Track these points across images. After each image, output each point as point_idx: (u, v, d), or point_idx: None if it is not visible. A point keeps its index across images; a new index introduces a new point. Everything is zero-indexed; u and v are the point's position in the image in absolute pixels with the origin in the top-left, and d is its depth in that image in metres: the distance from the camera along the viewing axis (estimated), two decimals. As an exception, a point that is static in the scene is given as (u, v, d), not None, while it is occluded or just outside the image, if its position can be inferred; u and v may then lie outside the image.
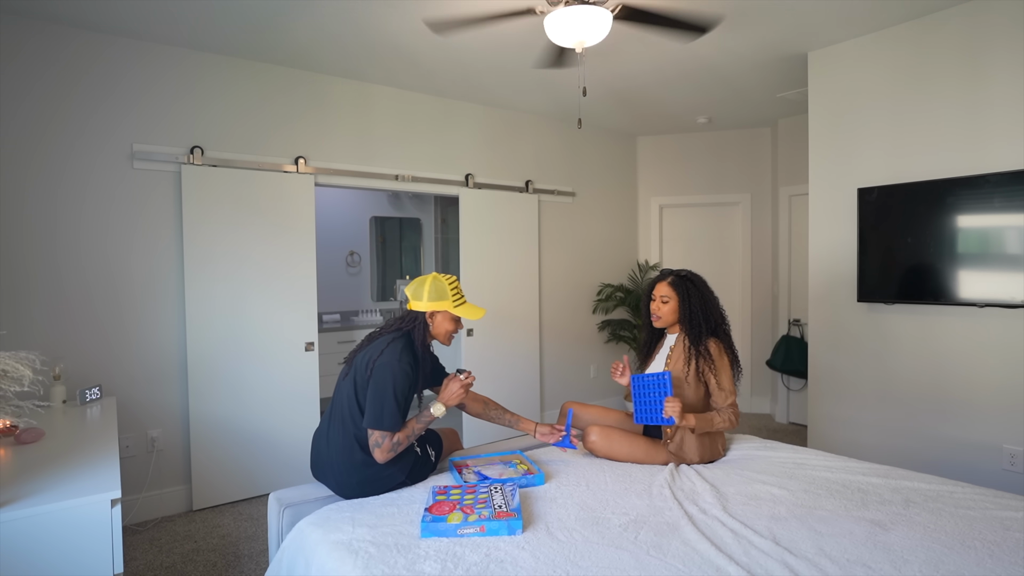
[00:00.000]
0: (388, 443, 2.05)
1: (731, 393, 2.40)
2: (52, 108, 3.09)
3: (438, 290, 2.22)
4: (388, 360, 2.09)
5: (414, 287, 2.25)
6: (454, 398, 2.20)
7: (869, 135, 3.45)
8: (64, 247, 3.13)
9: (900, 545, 1.68)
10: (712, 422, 2.37)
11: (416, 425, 2.13)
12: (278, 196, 3.71)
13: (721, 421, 2.38)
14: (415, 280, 2.28)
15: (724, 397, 2.40)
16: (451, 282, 2.26)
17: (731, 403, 2.40)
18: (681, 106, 4.81)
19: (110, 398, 2.88)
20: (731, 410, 2.39)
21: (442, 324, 2.26)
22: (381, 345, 2.15)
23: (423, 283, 2.24)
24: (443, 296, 2.22)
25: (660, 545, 1.70)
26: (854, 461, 2.39)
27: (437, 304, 2.22)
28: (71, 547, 1.57)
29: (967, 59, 3.06)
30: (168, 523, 3.29)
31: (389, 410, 2.05)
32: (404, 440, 2.09)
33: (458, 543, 1.72)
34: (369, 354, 2.15)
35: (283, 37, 3.33)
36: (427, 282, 2.24)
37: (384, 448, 2.05)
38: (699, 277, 2.54)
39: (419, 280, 2.27)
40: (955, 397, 3.14)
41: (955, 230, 3.05)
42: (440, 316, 2.25)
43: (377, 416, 2.04)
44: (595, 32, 2.51)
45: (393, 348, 2.12)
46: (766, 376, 5.47)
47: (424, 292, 2.22)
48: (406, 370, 2.10)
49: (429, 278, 2.25)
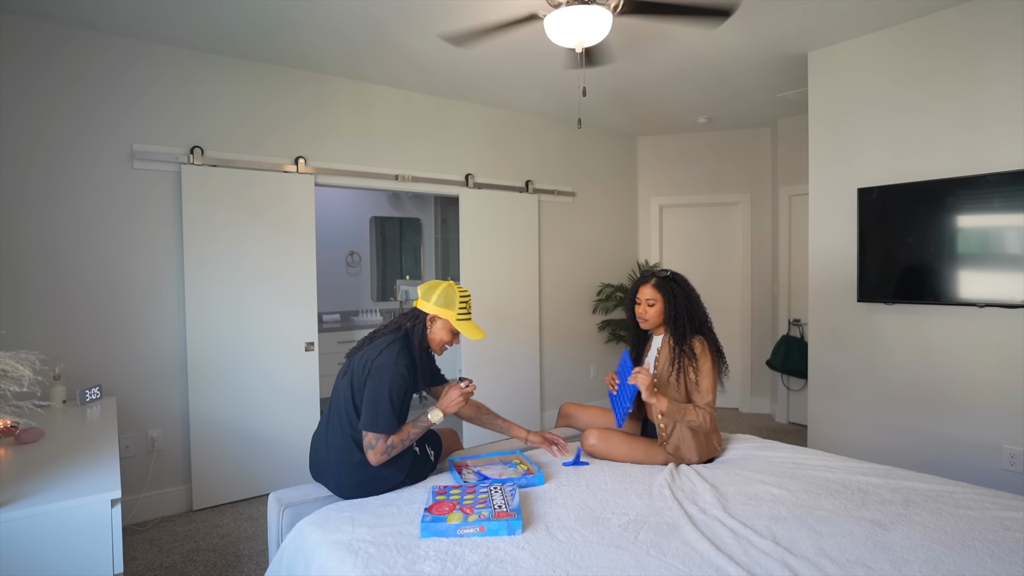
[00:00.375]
0: (382, 445, 2.05)
1: (708, 392, 2.38)
2: (52, 108, 3.09)
3: (448, 298, 2.22)
4: (385, 362, 2.09)
5: (427, 287, 2.26)
6: (453, 406, 2.20)
7: (869, 135, 3.45)
8: (64, 247, 3.13)
9: (900, 545, 1.68)
10: (684, 412, 2.33)
11: (412, 430, 2.13)
12: (278, 196, 3.71)
13: (694, 416, 2.34)
14: (432, 281, 2.29)
15: (701, 397, 2.38)
16: (463, 295, 2.26)
17: (708, 402, 2.37)
18: (681, 106, 4.81)
19: (110, 398, 2.88)
20: (706, 409, 2.36)
21: (439, 332, 2.25)
22: (380, 346, 2.15)
23: (436, 286, 2.25)
24: (450, 305, 2.22)
25: (660, 545, 1.70)
26: (854, 461, 2.39)
27: (441, 311, 2.22)
28: (71, 547, 1.57)
29: (967, 59, 3.05)
30: (168, 523, 3.29)
31: (384, 412, 2.04)
32: (398, 444, 2.09)
33: (458, 543, 1.72)
34: (367, 354, 2.15)
35: (283, 37, 3.33)
36: (440, 287, 2.25)
37: (377, 450, 2.05)
38: (681, 276, 2.53)
39: (434, 283, 2.28)
40: (955, 397, 3.14)
41: (955, 230, 3.05)
42: (440, 323, 2.25)
43: (372, 418, 2.04)
44: (595, 32, 2.50)
45: (391, 350, 2.12)
46: (766, 376, 5.47)
47: (434, 295, 2.23)
48: (403, 372, 2.10)
49: (444, 284, 2.26)
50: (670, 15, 2.65)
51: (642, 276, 2.58)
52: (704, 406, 2.37)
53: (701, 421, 2.35)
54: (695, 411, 2.35)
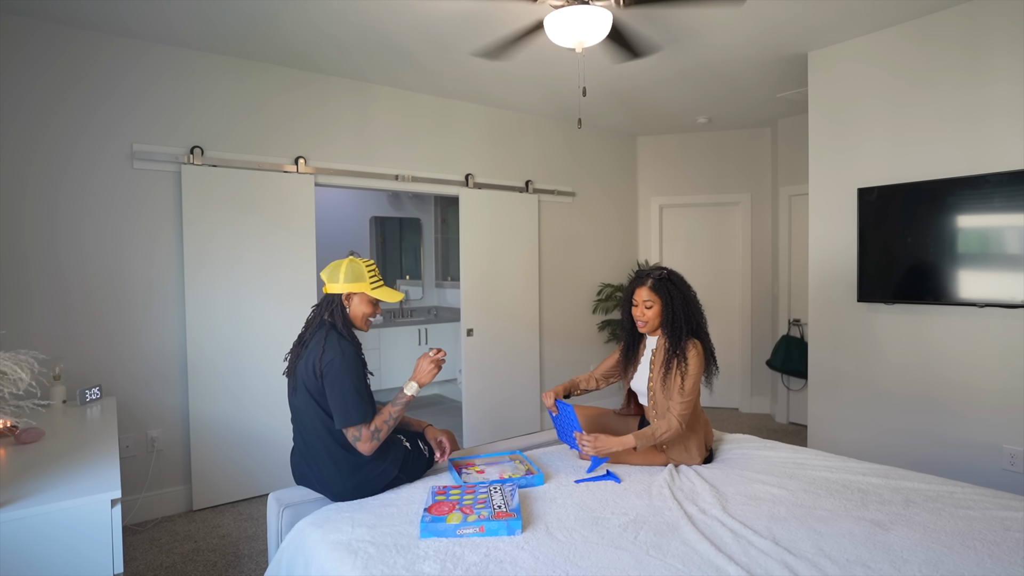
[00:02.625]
0: (367, 433, 2.02)
1: (690, 393, 2.31)
2: (52, 108, 3.09)
3: (355, 272, 2.18)
4: (332, 356, 2.04)
5: (330, 270, 2.21)
6: (427, 375, 2.17)
7: (869, 135, 3.45)
8: (64, 247, 3.14)
9: (900, 545, 1.67)
10: (654, 435, 2.27)
11: (392, 408, 2.09)
12: (278, 196, 3.71)
13: (664, 431, 2.27)
14: (331, 264, 2.24)
15: (680, 398, 2.31)
16: (368, 265, 2.22)
17: (688, 400, 2.31)
18: (681, 106, 4.81)
19: (110, 398, 2.88)
20: (680, 411, 2.29)
21: (359, 307, 2.20)
22: (318, 345, 2.09)
23: (339, 266, 2.20)
24: (360, 278, 2.18)
25: (660, 545, 1.70)
26: (854, 461, 2.38)
27: (354, 286, 2.17)
28: (71, 547, 1.57)
29: (967, 59, 3.05)
30: (168, 523, 3.29)
31: (353, 403, 2.01)
32: (383, 426, 2.05)
33: (457, 543, 1.72)
34: (309, 359, 2.08)
35: (283, 37, 3.33)
36: (343, 264, 2.19)
37: (364, 439, 2.02)
38: (677, 274, 2.46)
39: (335, 264, 2.22)
40: (954, 397, 3.14)
41: (955, 230, 3.05)
42: (357, 299, 2.19)
43: (345, 414, 2.01)
44: (595, 32, 2.51)
45: (330, 343, 2.07)
46: (766, 376, 5.47)
47: (340, 274, 2.17)
48: (352, 356, 2.07)
49: (345, 261, 2.21)
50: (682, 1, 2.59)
51: (637, 277, 2.49)
52: (678, 407, 2.30)
53: (670, 428, 2.28)
54: (663, 423, 2.29)
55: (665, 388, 2.38)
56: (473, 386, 4.58)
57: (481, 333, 4.63)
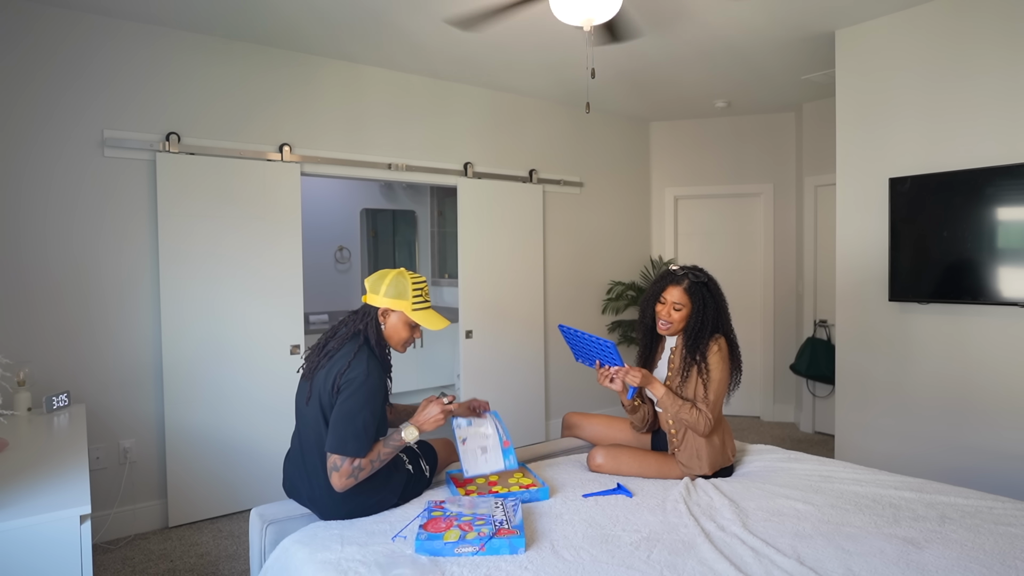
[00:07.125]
0: (347, 467, 1.95)
1: (714, 405, 2.35)
2: (14, 91, 3.09)
3: (399, 287, 2.12)
4: (356, 375, 2.00)
5: (374, 279, 2.16)
6: (431, 423, 2.11)
7: (902, 120, 3.45)
8: (28, 242, 3.14)
9: (935, 565, 1.67)
10: (680, 407, 2.32)
11: (383, 449, 2.03)
12: (261, 186, 3.71)
13: (687, 415, 2.32)
14: (378, 271, 2.19)
15: (704, 408, 2.34)
16: (416, 282, 2.15)
17: (711, 406, 2.34)
18: (698, 89, 4.80)
19: (79, 405, 2.89)
20: (705, 412, 2.33)
21: (395, 328, 2.15)
22: (346, 357, 2.05)
23: (384, 276, 2.15)
24: (403, 295, 2.11)
25: (675, 565, 1.70)
26: (885, 474, 2.39)
27: (393, 302, 2.11)
28: (37, 567, 1.58)
29: (1009, 37, 3.04)
30: (142, 541, 3.30)
31: (355, 433, 1.95)
32: (367, 466, 1.98)
33: (455, 563, 1.72)
34: (333, 369, 2.04)
35: (265, 12, 3.33)
36: (389, 276, 2.14)
37: (343, 473, 1.94)
38: (714, 281, 2.46)
39: (382, 273, 2.18)
40: (995, 404, 3.14)
41: (995, 223, 3.05)
42: (395, 318, 2.14)
43: (341, 440, 1.95)
44: (604, 8, 2.50)
45: (359, 360, 2.03)
46: (790, 382, 5.47)
47: (383, 286, 2.12)
48: (375, 381, 2.02)
49: (393, 272, 2.16)
50: None
51: (671, 273, 2.47)
52: (704, 409, 2.33)
53: (694, 421, 2.32)
54: (694, 411, 2.33)
55: (684, 395, 2.39)
56: (472, 392, 4.58)
57: (481, 335, 4.63)
